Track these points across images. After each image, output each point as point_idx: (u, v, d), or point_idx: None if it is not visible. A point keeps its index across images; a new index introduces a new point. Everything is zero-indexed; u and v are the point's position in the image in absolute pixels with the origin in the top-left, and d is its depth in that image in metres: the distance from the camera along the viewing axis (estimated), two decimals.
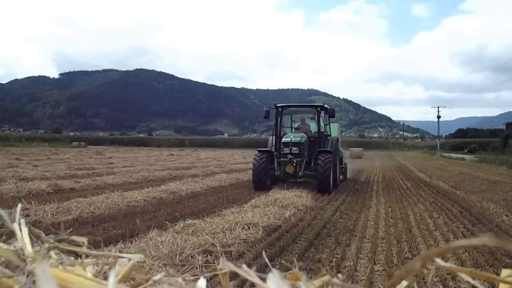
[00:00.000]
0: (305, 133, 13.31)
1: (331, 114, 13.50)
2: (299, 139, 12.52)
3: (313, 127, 14.34)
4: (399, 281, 0.68)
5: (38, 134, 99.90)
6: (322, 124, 13.71)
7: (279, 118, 13.60)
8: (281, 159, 12.52)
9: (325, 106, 13.77)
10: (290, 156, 12.33)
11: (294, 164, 12.26)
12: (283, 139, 12.70)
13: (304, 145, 12.55)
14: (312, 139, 13.43)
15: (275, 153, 12.88)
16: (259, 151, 13.08)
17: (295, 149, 12.36)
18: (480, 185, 14.60)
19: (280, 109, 13.60)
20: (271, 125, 14.76)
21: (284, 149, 12.49)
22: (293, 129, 14.72)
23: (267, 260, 1.13)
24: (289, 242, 6.40)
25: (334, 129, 15.40)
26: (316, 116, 13.63)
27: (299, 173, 12.32)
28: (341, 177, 15.57)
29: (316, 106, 13.68)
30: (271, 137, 14.02)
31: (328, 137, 13.96)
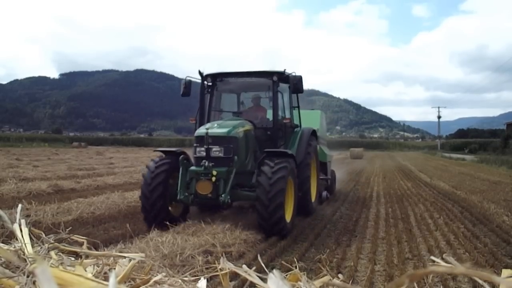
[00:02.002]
0: (251, 121, 7.84)
1: (296, 86, 7.83)
2: (225, 130, 7.03)
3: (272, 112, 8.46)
4: None
5: (38, 134, 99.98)
6: (283, 105, 8.37)
7: (208, 97, 8.34)
8: (192, 168, 6.97)
9: (286, 73, 7.95)
10: (207, 163, 6.70)
11: (214, 179, 6.64)
12: (196, 132, 7.28)
13: (237, 143, 7.03)
14: (269, 132, 8.06)
15: (181, 156, 7.14)
16: (163, 152, 7.63)
17: (216, 150, 6.89)
18: (481, 186, 14.58)
19: (210, 80, 8.24)
20: None
21: (197, 149, 7.03)
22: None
23: (263, 264, 1.13)
24: (290, 243, 6.40)
25: (314, 119, 11.20)
26: (270, 91, 8.04)
27: (222, 196, 6.58)
28: (324, 193, 10.92)
29: (271, 74, 7.90)
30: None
31: (297, 129, 8.66)
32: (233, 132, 7.06)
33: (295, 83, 7.81)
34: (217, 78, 8.29)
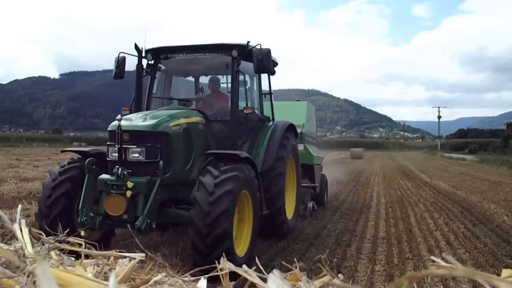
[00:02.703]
0: (201, 111, 6.00)
1: (261, 64, 5.74)
2: (149, 123, 5.11)
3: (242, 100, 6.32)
4: None
5: (38, 134, 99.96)
6: (246, 91, 6.48)
7: (148, 80, 6.47)
8: (101, 176, 4.96)
9: (250, 46, 5.99)
10: (120, 171, 4.74)
11: (129, 193, 4.70)
12: (110, 125, 5.21)
13: (168, 141, 5.10)
14: (230, 129, 5.99)
15: (88, 160, 5.10)
16: (76, 153, 5.84)
17: (135, 151, 4.96)
18: (481, 186, 14.60)
19: (150, 57, 6.37)
20: None
21: (110, 150, 5.12)
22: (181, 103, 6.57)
23: (260, 266, 1.13)
24: (290, 242, 6.40)
25: (299, 111, 9.32)
26: (229, 70, 6.11)
27: (138, 220, 4.59)
28: (310, 204, 8.75)
29: (230, 48, 5.99)
30: None
31: (268, 123, 6.76)
32: (163, 126, 5.06)
33: (260, 59, 5.72)
34: (161, 54, 6.36)
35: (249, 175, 5.09)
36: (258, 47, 5.81)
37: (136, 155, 4.91)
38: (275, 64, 6.70)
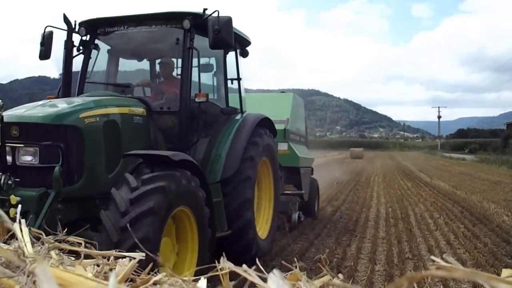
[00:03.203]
0: (143, 101, 4.69)
1: (218, 37, 4.29)
2: (48, 113, 3.78)
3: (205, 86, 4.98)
4: None
5: None
6: (217, 76, 5.48)
7: (82, 60, 5.12)
8: None
9: (206, 15, 4.54)
10: (3, 180, 3.39)
11: (13, 212, 2.98)
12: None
13: (77, 139, 3.74)
14: (180, 122, 4.60)
15: None
16: None
17: (26, 153, 3.64)
18: (481, 185, 14.60)
19: (84, 31, 4.94)
20: None
21: None
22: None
23: (260, 265, 1.13)
24: (290, 242, 6.40)
25: (284, 104, 7.89)
26: (181, 45, 4.61)
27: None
28: (296, 215, 7.41)
29: (181, 18, 4.58)
30: None
31: (235, 117, 5.31)
32: (70, 118, 3.76)
33: (216, 30, 4.29)
34: (97, 28, 4.99)
35: (187, 185, 3.69)
36: (216, 15, 4.41)
37: (28, 157, 3.64)
38: (247, 42, 5.55)
